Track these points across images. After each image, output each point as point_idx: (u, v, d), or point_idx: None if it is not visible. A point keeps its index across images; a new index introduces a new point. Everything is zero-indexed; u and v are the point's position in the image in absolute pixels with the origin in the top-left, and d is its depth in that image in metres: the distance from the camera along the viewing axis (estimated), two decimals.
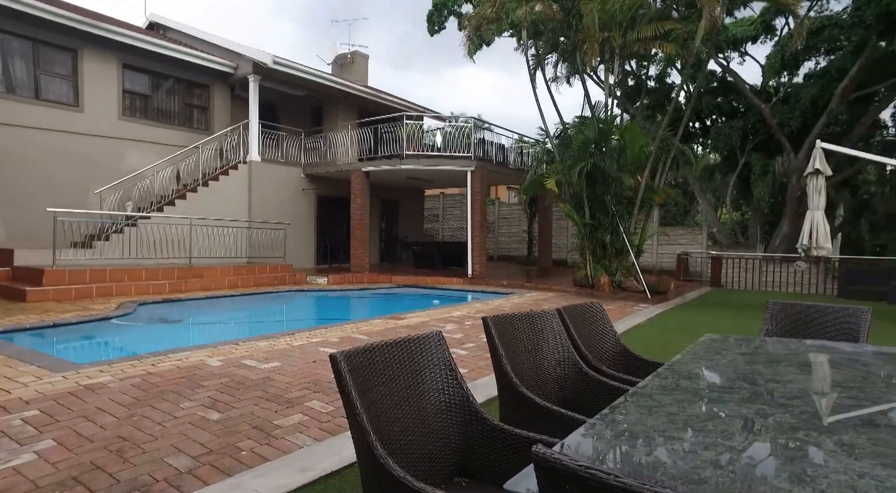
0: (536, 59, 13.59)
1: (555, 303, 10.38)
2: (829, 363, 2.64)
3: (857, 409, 1.90)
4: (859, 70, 15.29)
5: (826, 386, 2.21)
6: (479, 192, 14.42)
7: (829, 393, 2.09)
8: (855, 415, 1.82)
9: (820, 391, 2.12)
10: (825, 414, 1.83)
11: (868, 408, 1.91)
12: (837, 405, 1.95)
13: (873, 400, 2.02)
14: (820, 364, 2.61)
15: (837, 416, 1.81)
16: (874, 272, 13.21)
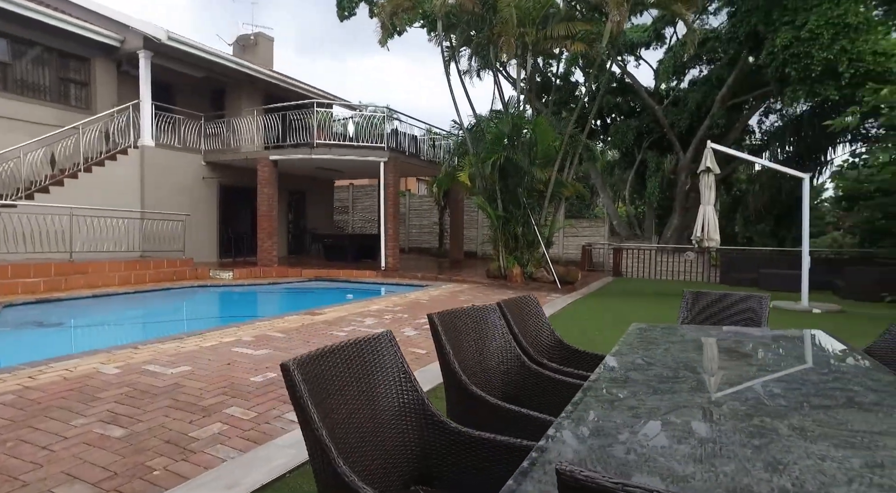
0: (451, 50, 13.59)
1: (471, 294, 10.50)
2: (749, 348, 2.82)
3: (790, 390, 2.02)
4: (734, 80, 16.85)
5: (755, 371, 2.34)
6: (393, 183, 14.23)
7: (760, 377, 2.22)
8: (793, 398, 1.93)
9: (753, 376, 2.24)
10: (766, 398, 1.92)
11: (798, 389, 2.05)
12: (773, 389, 2.06)
13: (799, 382, 2.17)
14: (742, 350, 2.78)
15: (780, 400, 1.90)
16: (747, 261, 14.72)
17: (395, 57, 77.62)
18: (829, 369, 2.35)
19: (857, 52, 11.63)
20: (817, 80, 12.04)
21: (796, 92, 12.55)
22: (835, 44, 11.64)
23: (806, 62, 11.91)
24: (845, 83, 11.87)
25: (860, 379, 2.18)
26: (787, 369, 2.35)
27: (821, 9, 11.93)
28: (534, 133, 12.36)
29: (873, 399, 1.95)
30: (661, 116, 18.68)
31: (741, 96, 17.40)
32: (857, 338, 7.25)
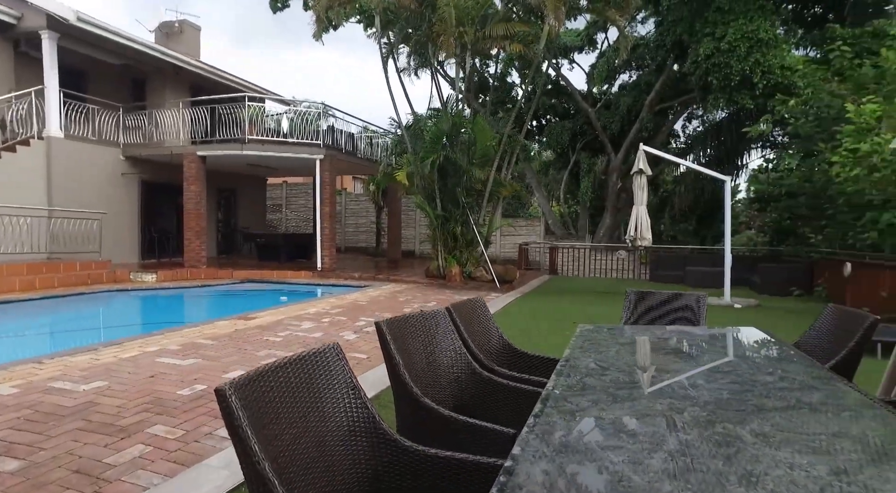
0: (389, 47, 13.36)
1: (410, 295, 10.36)
2: (696, 349, 2.86)
3: (744, 393, 2.04)
4: (661, 86, 17.67)
5: (706, 372, 2.35)
6: (329, 181, 13.83)
7: (713, 379, 2.23)
8: (748, 401, 1.94)
9: (706, 379, 2.25)
10: (723, 402, 1.91)
11: (750, 391, 2.07)
12: (727, 392, 2.07)
13: (749, 384, 2.20)
14: (690, 351, 2.81)
15: (736, 404, 1.90)
16: (674, 259, 15.45)
17: (333, 52, 75.78)
18: (773, 369, 2.40)
19: (768, 65, 12.46)
20: (735, 89, 12.79)
21: (717, 99, 13.29)
22: (750, 56, 12.41)
23: (726, 72, 12.63)
24: (759, 93, 12.68)
25: (802, 378, 2.24)
26: (735, 370, 2.38)
27: (737, 23, 12.68)
28: (473, 132, 12.38)
29: (819, 398, 1.99)
30: (594, 119, 19.28)
31: (668, 102, 18.25)
32: (775, 330, 7.67)
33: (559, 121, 21.78)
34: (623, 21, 11.35)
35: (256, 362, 5.03)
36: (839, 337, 3.15)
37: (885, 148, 7.91)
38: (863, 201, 8.83)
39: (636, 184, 10.30)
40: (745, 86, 12.58)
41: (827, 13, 15.03)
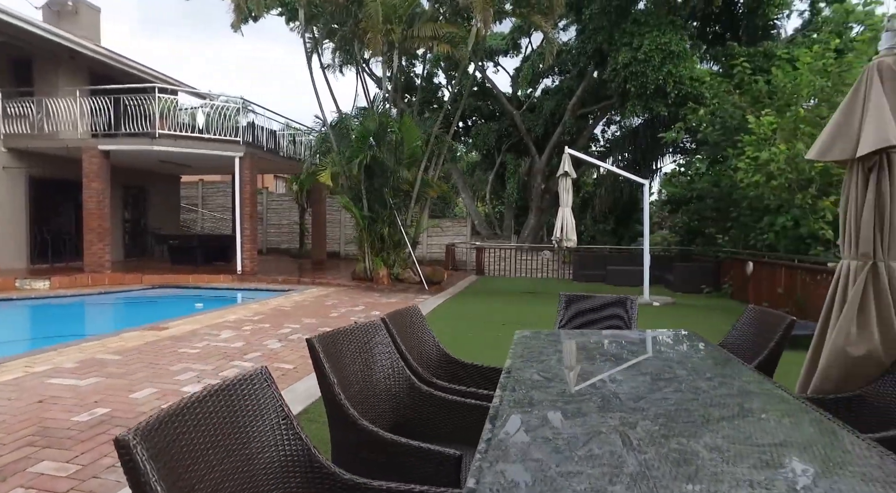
0: (313, 43, 12.88)
1: (337, 298, 10.02)
2: (634, 355, 2.87)
3: (690, 402, 2.03)
4: (582, 92, 18.32)
5: (649, 381, 2.34)
6: (250, 180, 13.14)
7: (657, 388, 2.22)
8: (695, 411, 1.93)
9: (649, 388, 2.23)
10: (672, 413, 1.89)
11: (695, 399, 2.07)
12: (672, 402, 2.05)
13: (692, 392, 2.20)
14: (628, 357, 2.82)
15: (684, 414, 1.88)
16: (595, 259, 16.04)
17: (254, 45, 71.94)
18: (711, 374, 2.43)
19: (680, 76, 13.23)
20: (651, 97, 13.47)
21: (634, 106, 13.93)
22: (663, 67, 13.11)
23: (642, 80, 13.27)
24: (671, 102, 13.43)
25: (739, 383, 2.28)
26: (676, 376, 2.39)
27: (652, 35, 13.36)
28: (400, 133, 12.19)
29: (759, 405, 2.02)
30: (519, 121, 19.65)
31: (589, 107, 18.93)
32: (691, 324, 8.05)
33: (485, 122, 22.03)
34: (548, 26, 11.62)
35: (170, 379, 4.60)
36: (760, 336, 3.29)
37: (780, 158, 8.59)
38: (762, 205, 9.54)
39: (561, 186, 10.54)
40: (660, 94, 13.29)
41: (725, 32, 16.20)
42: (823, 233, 8.07)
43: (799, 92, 10.04)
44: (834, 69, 9.30)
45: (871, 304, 2.58)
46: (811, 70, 9.62)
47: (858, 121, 2.59)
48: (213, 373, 4.86)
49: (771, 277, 9.11)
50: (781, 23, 16.25)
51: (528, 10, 11.64)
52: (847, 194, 2.67)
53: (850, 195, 2.65)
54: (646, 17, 13.79)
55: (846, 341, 2.60)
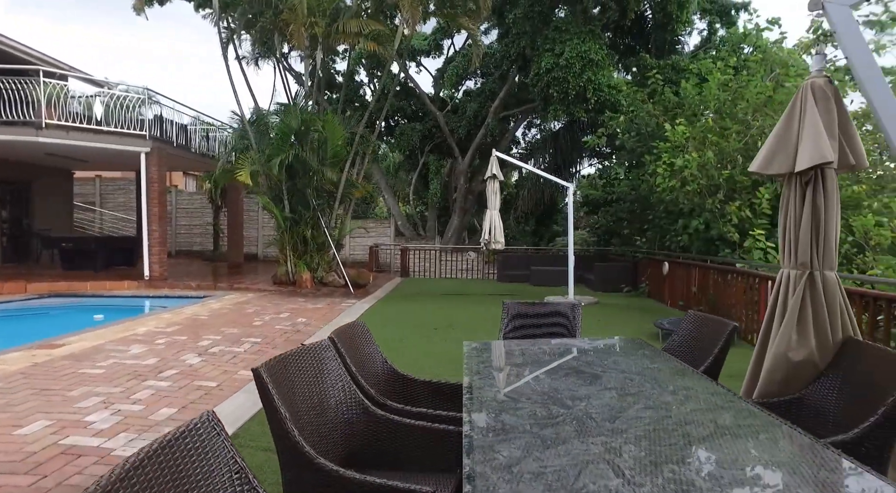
0: (229, 33, 12.10)
1: (259, 305, 9.46)
2: (592, 367, 2.84)
3: (663, 420, 2.00)
4: (505, 94, 18.64)
5: (616, 397, 2.30)
6: (158, 178, 12.11)
7: (627, 404, 2.17)
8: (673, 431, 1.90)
9: (619, 404, 2.18)
10: (652, 434, 1.84)
11: (668, 417, 2.04)
12: (647, 420, 2.01)
13: (663, 409, 2.18)
14: (586, 369, 2.78)
15: (663, 436, 1.84)
16: (519, 260, 16.37)
17: (163, 31, 66.01)
18: (675, 387, 2.42)
19: (599, 83, 13.78)
20: (572, 103, 13.92)
21: (556, 110, 14.34)
22: (584, 74, 13.59)
23: (564, 86, 13.67)
24: (591, 107, 13.96)
25: (704, 396, 2.29)
26: (642, 391, 2.36)
27: (573, 43, 13.81)
28: (324, 131, 11.74)
29: (731, 420, 2.02)
30: (442, 122, 19.65)
31: (511, 109, 19.29)
32: (616, 324, 8.38)
33: (408, 123, 21.85)
34: (475, 29, 11.65)
35: (68, 407, 4.05)
36: (702, 341, 3.39)
37: (693, 164, 9.14)
38: (677, 209, 10.11)
39: (489, 188, 10.59)
40: (580, 100, 13.75)
41: (635, 45, 17.12)
42: (731, 235, 8.67)
43: (706, 103, 10.76)
44: (733, 85, 10.06)
45: (808, 311, 2.70)
46: (715, 84, 10.34)
47: (795, 137, 2.70)
48: (124, 396, 4.34)
49: (685, 276, 9.68)
50: (685, 39, 17.39)
51: (455, 12, 11.61)
52: (786, 207, 2.79)
53: (788, 208, 2.77)
54: (566, 25, 14.23)
55: (787, 348, 2.71)
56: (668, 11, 13.98)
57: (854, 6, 2.66)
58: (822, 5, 2.69)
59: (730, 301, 7.97)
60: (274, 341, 6.56)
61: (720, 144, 9.43)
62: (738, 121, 9.62)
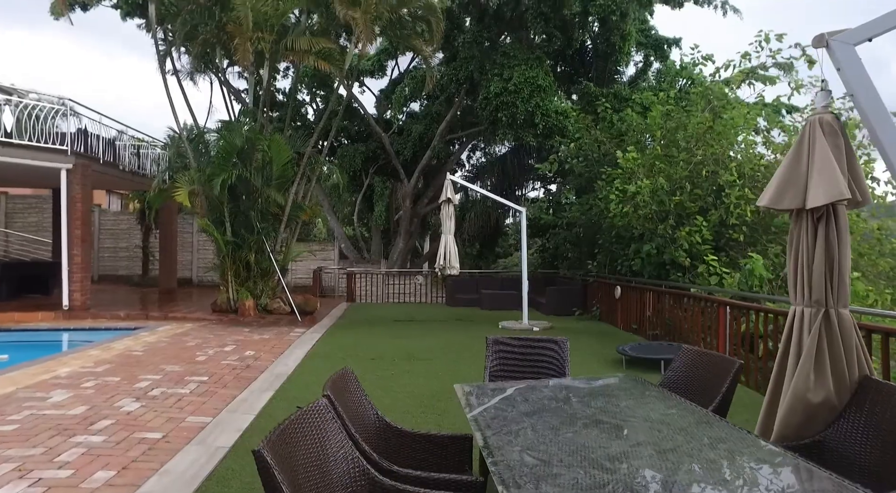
0: (167, 45, 11.38)
1: (200, 337, 8.73)
2: (608, 414, 2.64)
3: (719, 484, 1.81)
4: (451, 117, 18.70)
5: (655, 455, 2.09)
6: (82, 197, 11.10)
7: (675, 467, 1.97)
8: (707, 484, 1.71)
9: (667, 468, 1.98)
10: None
11: (723, 483, 1.86)
12: (681, 475, 1.82)
13: (703, 460, 2.00)
14: (604, 419, 2.57)
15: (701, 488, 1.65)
16: (468, 283, 16.22)
17: (84, 39, 61.10)
18: (710, 440, 2.25)
19: (546, 108, 14.04)
20: (520, 127, 14.08)
21: (505, 134, 14.48)
22: (532, 99, 13.80)
23: (513, 111, 13.82)
24: (539, 132, 14.19)
25: (747, 451, 2.13)
26: (678, 447, 2.17)
27: (520, 68, 14.04)
28: (269, 151, 11.19)
29: (792, 482, 1.87)
30: (387, 144, 19.41)
31: (457, 133, 19.35)
32: (577, 349, 8.13)
33: (352, 143, 21.45)
34: (429, 52, 11.56)
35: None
36: (703, 379, 3.28)
37: (645, 191, 9.38)
38: (628, 234, 10.32)
39: (444, 213, 10.43)
40: (529, 125, 13.94)
41: (576, 72, 17.71)
42: (682, 260, 8.90)
43: (650, 131, 11.17)
44: (675, 115, 10.50)
45: (825, 351, 2.64)
46: (658, 114, 10.76)
47: (805, 173, 2.66)
48: (46, 459, 3.68)
49: (638, 300, 9.83)
50: (622, 69, 18.17)
51: (410, 34, 11.50)
52: (797, 243, 2.74)
53: (800, 244, 2.71)
54: (514, 51, 14.48)
55: (806, 388, 2.63)
56: (612, 42, 14.53)
57: (857, 44, 2.67)
58: (827, 43, 2.69)
59: (686, 325, 8.12)
60: (223, 379, 5.97)
61: (668, 171, 9.74)
62: (682, 149, 10.00)
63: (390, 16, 11.19)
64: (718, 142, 9.91)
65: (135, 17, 15.14)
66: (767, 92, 13.20)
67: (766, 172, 9.37)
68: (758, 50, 10.70)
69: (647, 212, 9.49)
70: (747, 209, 8.83)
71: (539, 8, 13.18)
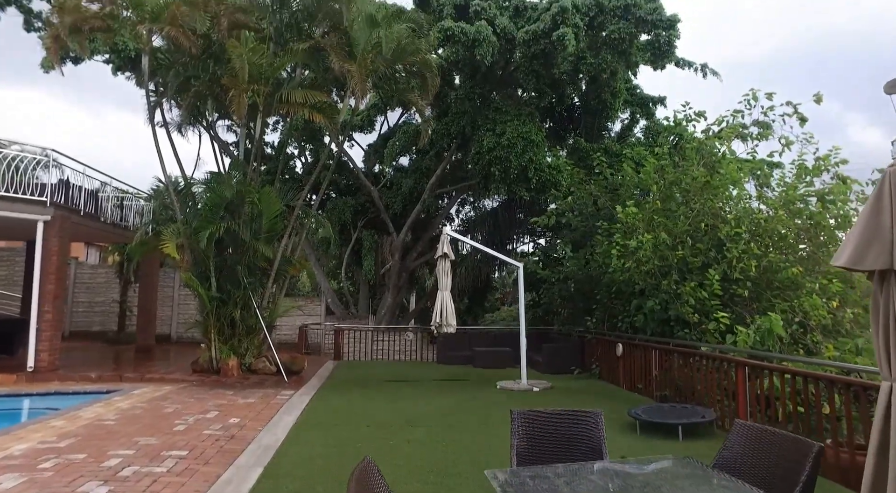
0: (157, 97, 11.22)
1: (179, 401, 8.05)
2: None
3: None
4: (442, 171, 18.70)
5: None
6: (58, 250, 10.56)
7: None
8: None
9: None
10: None
11: None
12: None
13: None
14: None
15: None
16: (460, 340, 15.65)
17: (68, 91, 60.69)
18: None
19: (540, 163, 14.08)
20: (514, 181, 14.04)
21: (499, 189, 14.40)
22: (525, 154, 13.84)
23: (506, 165, 13.81)
24: (533, 187, 14.14)
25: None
26: None
27: (513, 124, 14.16)
28: (259, 203, 10.87)
29: None
30: (376, 197, 19.27)
31: (447, 187, 19.31)
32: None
33: (341, 196, 21.29)
34: (424, 105, 11.55)
35: None
36: (770, 462, 2.88)
37: (647, 246, 9.18)
38: (630, 289, 10.05)
39: (440, 268, 10.10)
40: (522, 179, 13.90)
41: (563, 129, 18.01)
42: (690, 317, 8.59)
43: (645, 186, 11.12)
44: (669, 171, 10.48)
45: None
46: (652, 169, 10.75)
47: (889, 229, 2.38)
48: None
49: (643, 359, 9.42)
50: (610, 125, 18.53)
51: (405, 88, 11.52)
52: (885, 307, 2.42)
53: (890, 309, 2.40)
54: (506, 106, 14.64)
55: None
56: (603, 99, 14.80)
57: None
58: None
59: (698, 387, 7.72)
60: (205, 454, 5.35)
61: (667, 225, 9.60)
62: (681, 203, 9.91)
63: (385, 70, 11.24)
64: (716, 196, 9.87)
65: (126, 71, 15.12)
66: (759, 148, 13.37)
67: (765, 226, 9.28)
68: (747, 107, 10.88)
69: (650, 267, 9.26)
70: (751, 264, 8.65)
71: (531, 66, 13.42)
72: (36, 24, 13.92)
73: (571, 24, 12.09)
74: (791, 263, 8.77)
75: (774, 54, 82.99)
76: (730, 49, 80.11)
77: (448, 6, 14.31)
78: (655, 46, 13.53)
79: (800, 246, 9.71)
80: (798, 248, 9.74)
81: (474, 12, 13.72)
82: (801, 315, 8.43)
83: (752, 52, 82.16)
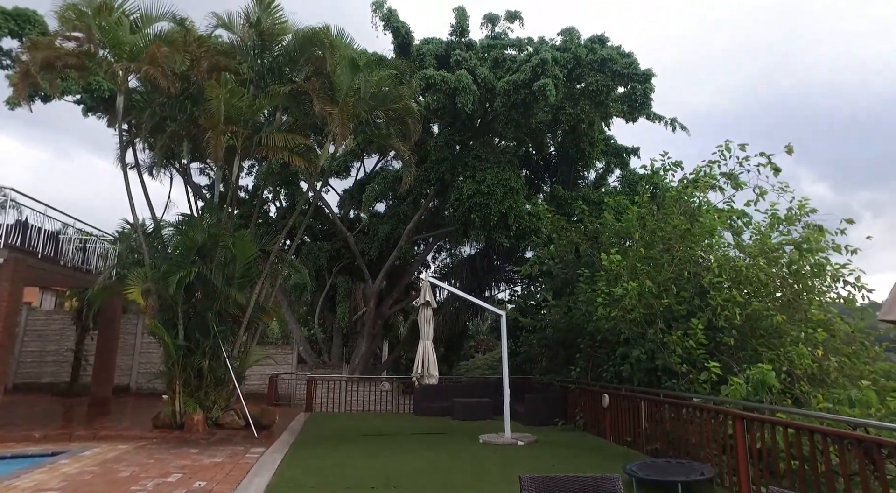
0: (130, 137, 10.89)
1: (136, 464, 7.33)
2: None
3: None
4: (419, 218, 18.60)
5: None
6: (10, 296, 9.87)
7: None
8: None
9: None
10: None
11: None
12: None
13: None
14: None
15: None
16: (439, 391, 15.07)
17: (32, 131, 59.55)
18: None
19: (520, 210, 14.09)
20: (494, 228, 13.97)
21: (478, 235, 14.29)
22: (505, 201, 13.85)
23: (486, 212, 13.76)
24: (513, 234, 14.09)
25: None
26: None
27: (493, 171, 14.23)
28: (233, 248, 10.46)
29: None
30: (352, 243, 18.96)
31: (424, 233, 19.16)
32: (576, 471, 7.24)
33: (315, 242, 20.89)
34: (405, 151, 11.49)
35: None
36: None
37: (633, 293, 9.07)
38: (613, 338, 9.86)
39: (422, 316, 9.79)
40: (502, 226, 13.85)
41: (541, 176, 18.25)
42: (678, 367, 8.41)
43: (628, 234, 11.15)
44: (650, 219, 10.55)
45: None
46: (634, 217, 10.82)
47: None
48: None
49: (631, 410, 9.13)
50: (586, 174, 18.88)
51: (386, 134, 11.48)
52: None
53: None
54: (485, 153, 14.75)
55: None
56: (581, 148, 15.06)
57: None
58: None
59: (692, 440, 7.44)
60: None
61: (651, 272, 9.54)
62: (663, 250, 9.91)
63: (367, 115, 11.20)
64: (696, 244, 9.91)
65: (98, 111, 14.77)
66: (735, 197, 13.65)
67: (746, 273, 9.30)
68: (722, 157, 11.14)
69: (636, 315, 9.13)
70: (735, 312, 8.59)
71: (510, 115, 13.63)
72: (4, 61, 13.53)
73: (552, 75, 12.39)
74: (774, 310, 8.76)
75: (733, 110, 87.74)
76: (692, 105, 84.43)
77: (429, 56, 14.58)
78: (632, 98, 13.95)
79: (777, 294, 9.75)
80: (776, 296, 9.78)
81: (455, 62, 13.98)
82: (787, 364, 8.34)
83: (710, 107, 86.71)
